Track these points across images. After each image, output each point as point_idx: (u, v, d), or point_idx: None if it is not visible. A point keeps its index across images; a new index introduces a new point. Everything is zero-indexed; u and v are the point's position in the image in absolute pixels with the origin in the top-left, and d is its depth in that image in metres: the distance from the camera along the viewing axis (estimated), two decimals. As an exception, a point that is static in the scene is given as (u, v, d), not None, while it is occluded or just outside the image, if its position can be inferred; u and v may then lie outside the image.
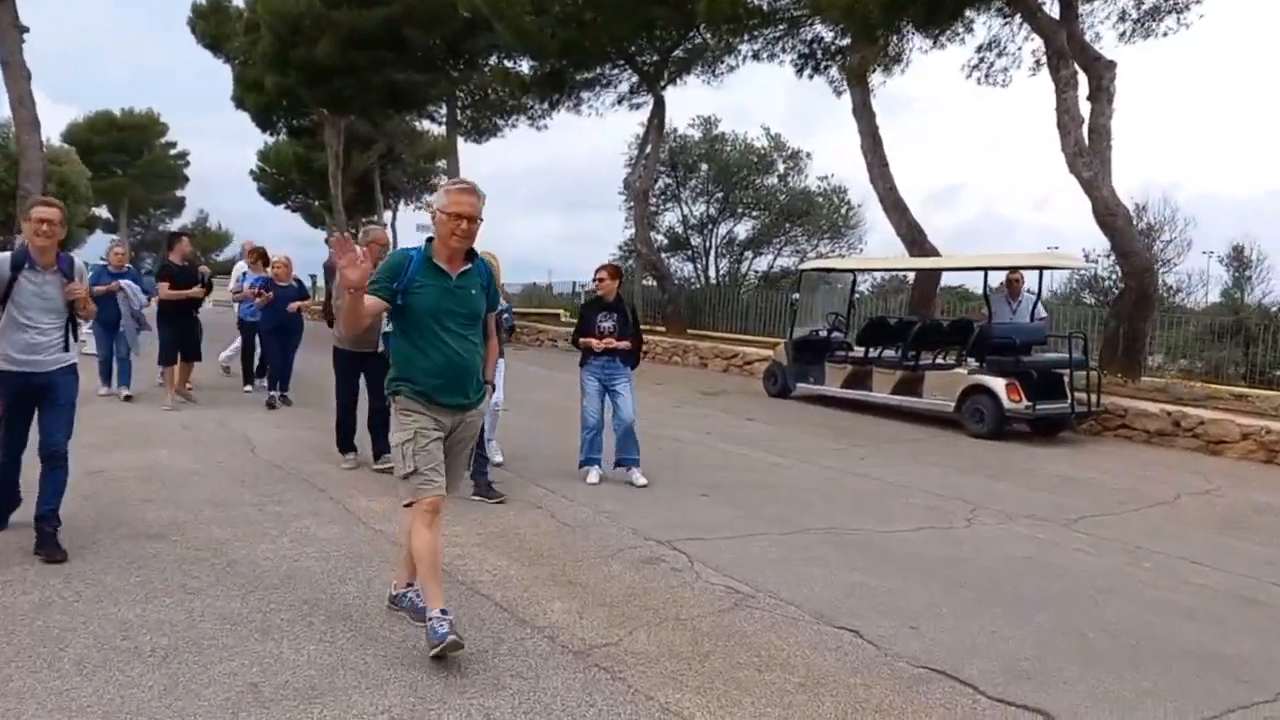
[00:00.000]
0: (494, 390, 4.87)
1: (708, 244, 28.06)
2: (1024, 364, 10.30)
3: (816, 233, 27.28)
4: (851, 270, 14.23)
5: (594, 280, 7.28)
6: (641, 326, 7.40)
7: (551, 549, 5.27)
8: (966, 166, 72.13)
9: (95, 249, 46.78)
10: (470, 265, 3.73)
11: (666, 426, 9.94)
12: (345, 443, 7.31)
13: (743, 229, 28.16)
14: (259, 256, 11.39)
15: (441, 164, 46.58)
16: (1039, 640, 4.18)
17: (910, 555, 5.53)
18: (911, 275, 17.27)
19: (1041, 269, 11.60)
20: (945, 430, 10.75)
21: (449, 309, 3.66)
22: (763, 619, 4.28)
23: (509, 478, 6.94)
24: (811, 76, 18.87)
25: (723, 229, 28.24)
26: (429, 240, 3.74)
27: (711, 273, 27.46)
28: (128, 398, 10.01)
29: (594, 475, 7.02)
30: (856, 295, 14.76)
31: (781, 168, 27.01)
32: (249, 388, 11.21)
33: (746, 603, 4.50)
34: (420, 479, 3.61)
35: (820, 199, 27.01)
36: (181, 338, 10.01)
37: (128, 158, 57.60)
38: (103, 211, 60.20)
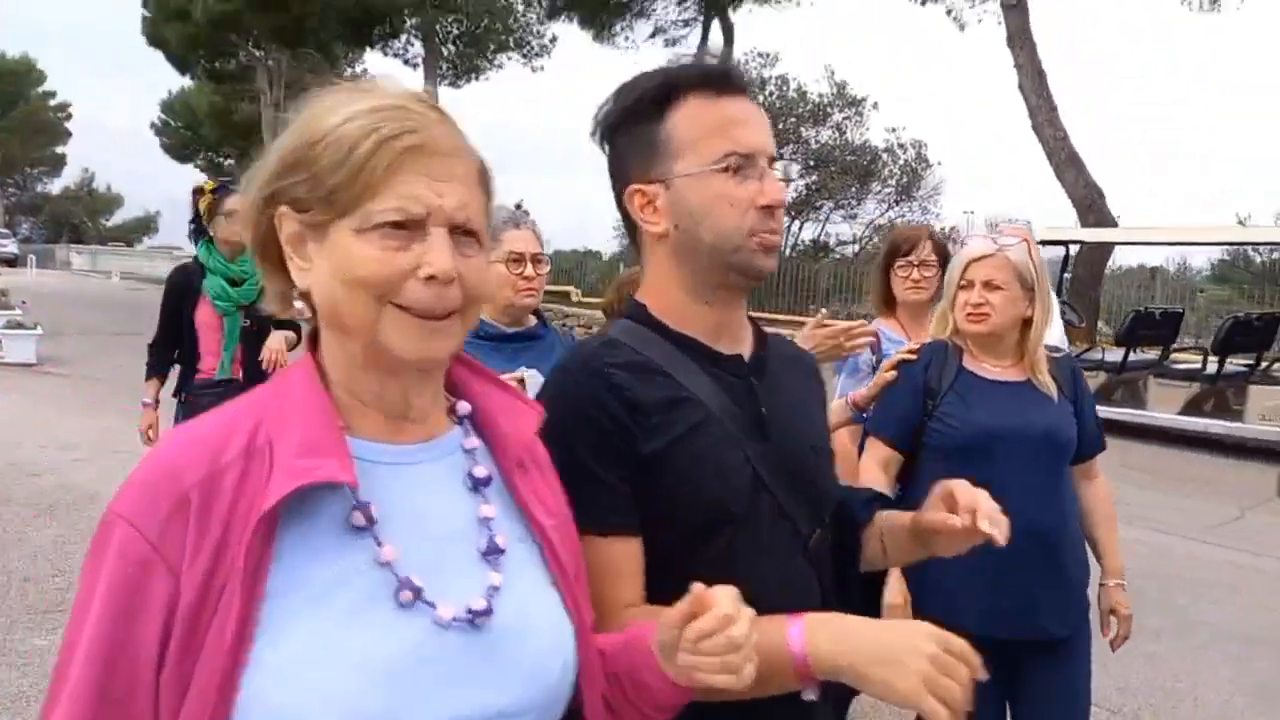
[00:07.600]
0: None
1: (740, 206, 24.89)
2: None
3: (881, 195, 24.53)
4: (1071, 243, 11.06)
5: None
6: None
7: None
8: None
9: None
10: None
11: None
12: None
13: (789, 190, 25.13)
14: None
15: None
16: None
17: None
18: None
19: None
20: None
21: None
22: None
23: None
24: (924, 1, 16.09)
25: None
26: None
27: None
28: None
29: None
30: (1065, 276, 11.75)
31: (838, 117, 24.09)
32: None
33: None
34: None
35: (885, 155, 24.20)
36: None
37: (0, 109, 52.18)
38: (-30, 169, 54.88)
